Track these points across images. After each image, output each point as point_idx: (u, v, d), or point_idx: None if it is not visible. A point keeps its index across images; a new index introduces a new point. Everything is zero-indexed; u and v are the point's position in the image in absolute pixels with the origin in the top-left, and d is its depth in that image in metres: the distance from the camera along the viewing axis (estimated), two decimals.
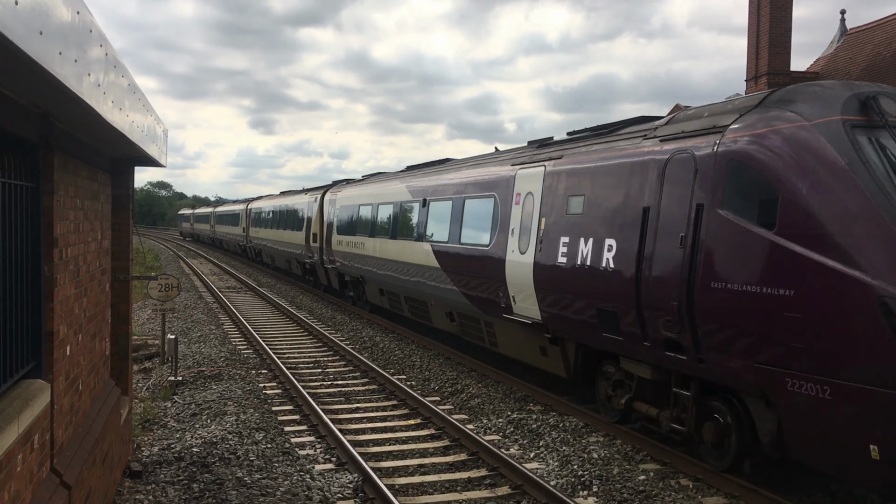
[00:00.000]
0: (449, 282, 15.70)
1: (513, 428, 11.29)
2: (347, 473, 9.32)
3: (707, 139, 8.82)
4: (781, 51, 24.73)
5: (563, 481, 9.09)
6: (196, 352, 17.26)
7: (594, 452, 9.98)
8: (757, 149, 8.05)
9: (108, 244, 8.16)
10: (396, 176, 21.37)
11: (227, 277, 38.09)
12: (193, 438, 10.58)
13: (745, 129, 8.36)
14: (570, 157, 11.73)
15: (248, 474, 9.15)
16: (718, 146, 8.55)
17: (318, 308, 25.95)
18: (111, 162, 8.39)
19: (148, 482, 8.78)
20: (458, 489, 8.94)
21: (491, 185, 14.31)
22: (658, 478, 9.11)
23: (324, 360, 16.67)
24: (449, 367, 15.57)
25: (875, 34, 26.32)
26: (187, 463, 9.46)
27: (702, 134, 8.98)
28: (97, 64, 4.45)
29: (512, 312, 12.92)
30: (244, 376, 14.80)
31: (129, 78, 5.86)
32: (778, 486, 8.78)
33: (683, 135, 9.29)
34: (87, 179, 6.73)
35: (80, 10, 3.91)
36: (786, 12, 24.73)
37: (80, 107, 4.39)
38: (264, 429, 11.11)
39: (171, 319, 21.83)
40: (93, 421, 6.88)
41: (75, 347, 6.25)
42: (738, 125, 8.50)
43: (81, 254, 6.50)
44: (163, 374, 14.76)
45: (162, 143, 8.55)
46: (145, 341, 17.56)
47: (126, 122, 5.75)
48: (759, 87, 25.20)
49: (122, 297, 8.97)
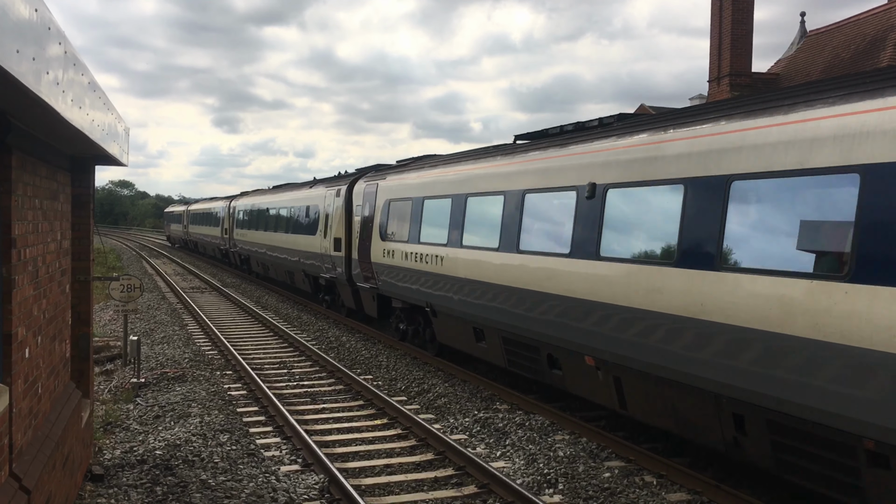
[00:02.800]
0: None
1: (479, 427, 11.33)
2: (313, 474, 9.28)
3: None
4: (743, 53, 25.13)
5: (529, 479, 9.14)
6: (159, 353, 17.05)
7: (560, 451, 10.06)
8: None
9: (68, 244, 8.03)
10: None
11: (190, 278, 37.68)
12: (156, 441, 10.46)
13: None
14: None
15: (213, 476, 9.06)
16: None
17: (283, 308, 25.78)
18: (71, 161, 8.25)
19: (110, 486, 8.65)
20: (425, 489, 8.94)
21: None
22: (622, 475, 9.20)
23: (290, 361, 16.57)
24: (416, 367, 15.57)
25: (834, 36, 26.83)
26: (150, 466, 9.35)
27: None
28: (56, 61, 4.38)
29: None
30: (208, 378, 14.66)
31: (89, 76, 5.78)
32: (739, 483, 8.91)
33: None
34: (46, 179, 6.62)
35: (38, 8, 3.85)
36: (747, 14, 25.12)
37: (39, 105, 4.32)
38: (229, 430, 11.02)
39: (134, 321, 21.54)
40: (53, 424, 6.77)
41: (34, 350, 6.14)
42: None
43: (40, 254, 6.39)
44: (125, 376, 14.56)
45: (123, 141, 8.43)
46: (107, 343, 17.31)
47: (86, 121, 5.66)
48: (721, 88, 25.56)
49: (83, 299, 8.84)
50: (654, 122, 9.73)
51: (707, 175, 8.31)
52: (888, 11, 24.62)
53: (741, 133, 8.00)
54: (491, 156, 13.61)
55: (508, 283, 11.96)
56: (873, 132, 6.56)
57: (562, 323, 10.60)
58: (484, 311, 12.84)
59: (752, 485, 8.86)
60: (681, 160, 8.74)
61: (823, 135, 7.02)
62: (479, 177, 13.57)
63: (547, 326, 10.98)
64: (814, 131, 7.13)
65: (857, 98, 6.86)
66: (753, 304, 7.45)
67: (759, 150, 7.68)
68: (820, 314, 6.79)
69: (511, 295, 11.88)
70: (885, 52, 22.69)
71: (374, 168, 21.38)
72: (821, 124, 7.09)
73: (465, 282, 13.46)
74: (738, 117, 8.16)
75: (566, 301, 10.48)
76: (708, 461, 9.59)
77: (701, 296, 8.11)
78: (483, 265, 12.81)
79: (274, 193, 32.83)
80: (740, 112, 8.20)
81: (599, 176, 10.09)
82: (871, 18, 25.35)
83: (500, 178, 12.74)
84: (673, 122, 9.26)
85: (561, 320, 10.63)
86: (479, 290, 12.98)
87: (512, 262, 11.92)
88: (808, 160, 7.12)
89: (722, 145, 8.17)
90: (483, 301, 12.84)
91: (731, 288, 7.76)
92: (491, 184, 13.02)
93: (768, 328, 7.28)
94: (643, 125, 9.83)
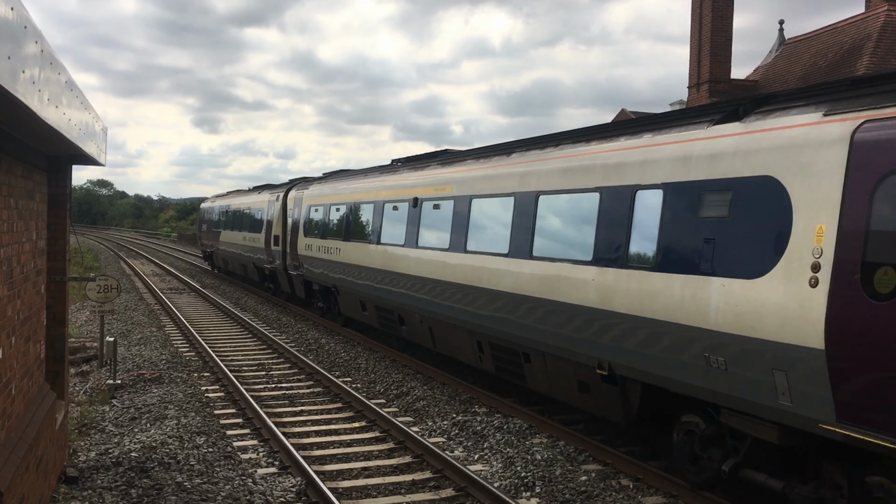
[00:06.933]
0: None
1: (458, 430, 11.33)
2: (290, 477, 9.24)
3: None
4: (722, 59, 25.35)
5: (506, 482, 9.16)
6: (136, 354, 16.91)
7: (538, 454, 10.08)
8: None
9: (43, 244, 7.96)
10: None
11: (168, 278, 37.41)
12: (132, 443, 10.38)
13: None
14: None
15: (189, 479, 9.00)
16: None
17: (262, 310, 25.66)
18: (48, 160, 8.18)
19: (84, 488, 8.58)
20: (402, 492, 8.93)
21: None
22: (599, 478, 9.24)
23: (268, 363, 16.49)
24: (395, 370, 15.55)
25: (812, 44, 27.14)
26: (125, 468, 9.27)
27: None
28: (32, 60, 4.34)
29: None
30: (186, 379, 14.56)
31: (66, 75, 5.73)
32: (714, 487, 8.97)
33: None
34: (21, 178, 6.56)
35: (14, 6, 3.82)
36: (727, 22, 25.36)
37: (14, 104, 4.28)
38: (206, 433, 10.95)
39: (111, 321, 21.35)
40: (26, 426, 6.70)
41: (8, 350, 6.08)
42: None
43: (15, 254, 6.32)
44: (101, 377, 14.42)
45: (101, 140, 8.36)
46: (83, 344, 17.15)
47: (62, 120, 5.61)
48: (701, 94, 25.77)
49: (59, 299, 8.76)
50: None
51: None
52: (865, 20, 24.93)
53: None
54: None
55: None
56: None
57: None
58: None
59: (727, 489, 8.93)
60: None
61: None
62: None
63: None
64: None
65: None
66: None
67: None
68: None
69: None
70: (861, 60, 22.97)
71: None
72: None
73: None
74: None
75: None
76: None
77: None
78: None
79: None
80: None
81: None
82: (848, 27, 25.66)
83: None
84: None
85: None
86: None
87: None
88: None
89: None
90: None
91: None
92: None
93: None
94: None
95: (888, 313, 6.08)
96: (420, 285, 14.54)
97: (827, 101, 7.16)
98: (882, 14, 24.24)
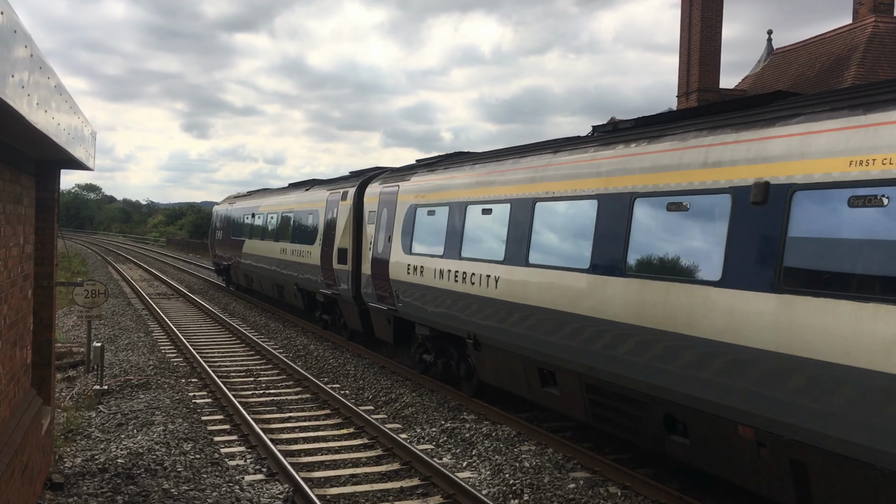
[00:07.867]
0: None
1: (446, 437, 11.32)
2: (278, 484, 9.21)
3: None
4: (711, 69, 25.49)
5: (494, 490, 9.15)
6: (123, 360, 16.82)
7: (526, 461, 10.08)
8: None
9: (31, 249, 7.92)
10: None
11: (157, 283, 37.25)
12: (119, 449, 10.31)
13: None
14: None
15: (175, 486, 8.95)
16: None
17: (251, 316, 25.57)
18: (36, 164, 8.14)
19: (70, 494, 8.52)
20: (391, 499, 8.91)
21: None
22: (587, 486, 9.24)
23: (256, 369, 16.43)
24: (383, 376, 15.52)
25: (800, 54, 27.34)
26: (111, 474, 9.21)
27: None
28: (21, 64, 4.33)
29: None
30: (173, 385, 14.49)
31: (55, 79, 5.71)
32: (703, 494, 9.00)
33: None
34: (9, 182, 6.53)
35: (3, 10, 3.81)
36: (716, 31, 25.50)
37: (2, 108, 4.27)
38: (193, 439, 10.89)
39: (98, 327, 21.24)
40: (12, 431, 6.65)
41: None
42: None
43: (2, 259, 6.29)
44: (88, 382, 14.33)
45: (89, 145, 8.33)
46: (70, 349, 17.04)
47: (51, 124, 5.59)
48: (690, 103, 25.90)
49: (46, 304, 8.70)
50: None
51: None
52: (853, 31, 25.14)
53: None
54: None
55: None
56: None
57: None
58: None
59: (715, 496, 8.95)
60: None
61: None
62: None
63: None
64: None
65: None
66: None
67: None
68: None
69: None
70: (849, 70, 23.15)
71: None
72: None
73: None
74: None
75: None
76: (673, 473, 9.67)
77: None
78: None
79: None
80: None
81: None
82: (836, 37, 25.86)
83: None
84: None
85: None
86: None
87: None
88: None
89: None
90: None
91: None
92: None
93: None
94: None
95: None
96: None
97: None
98: (870, 25, 24.45)
